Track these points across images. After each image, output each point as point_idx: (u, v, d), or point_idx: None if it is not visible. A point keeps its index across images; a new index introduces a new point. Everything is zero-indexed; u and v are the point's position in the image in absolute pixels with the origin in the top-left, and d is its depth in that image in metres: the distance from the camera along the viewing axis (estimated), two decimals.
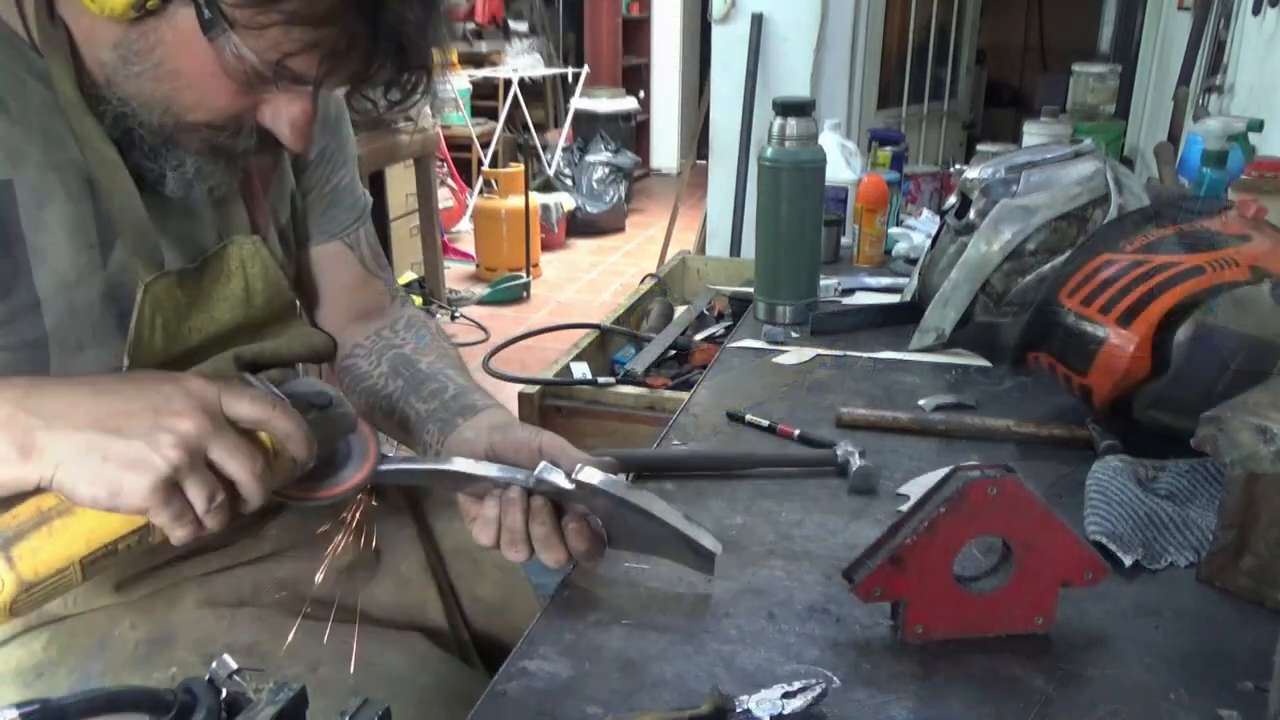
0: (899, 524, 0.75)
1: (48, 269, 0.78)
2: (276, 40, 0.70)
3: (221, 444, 0.65)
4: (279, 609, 0.91)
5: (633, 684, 0.70)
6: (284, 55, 0.71)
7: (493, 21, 6.47)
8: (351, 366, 1.05)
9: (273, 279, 0.94)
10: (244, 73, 0.72)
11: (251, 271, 0.92)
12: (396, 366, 1.02)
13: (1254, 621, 0.77)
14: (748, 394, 1.23)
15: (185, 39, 0.71)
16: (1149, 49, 4.15)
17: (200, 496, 0.65)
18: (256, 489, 0.67)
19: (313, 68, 0.72)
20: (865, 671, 0.72)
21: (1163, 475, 0.95)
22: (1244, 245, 0.99)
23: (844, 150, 2.06)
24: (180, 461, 0.63)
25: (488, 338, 4.29)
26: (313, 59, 0.72)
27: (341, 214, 1.06)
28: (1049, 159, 1.33)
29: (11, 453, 0.63)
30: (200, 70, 0.72)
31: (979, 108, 6.34)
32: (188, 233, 0.88)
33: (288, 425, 0.68)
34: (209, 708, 0.53)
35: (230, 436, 0.66)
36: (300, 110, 0.77)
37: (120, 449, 0.63)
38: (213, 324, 0.90)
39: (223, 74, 0.72)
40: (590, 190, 6.07)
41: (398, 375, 1.01)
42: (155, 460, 0.63)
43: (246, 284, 0.92)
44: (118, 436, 0.63)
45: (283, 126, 0.77)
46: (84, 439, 0.64)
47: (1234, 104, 2.59)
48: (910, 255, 1.77)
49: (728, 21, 3.73)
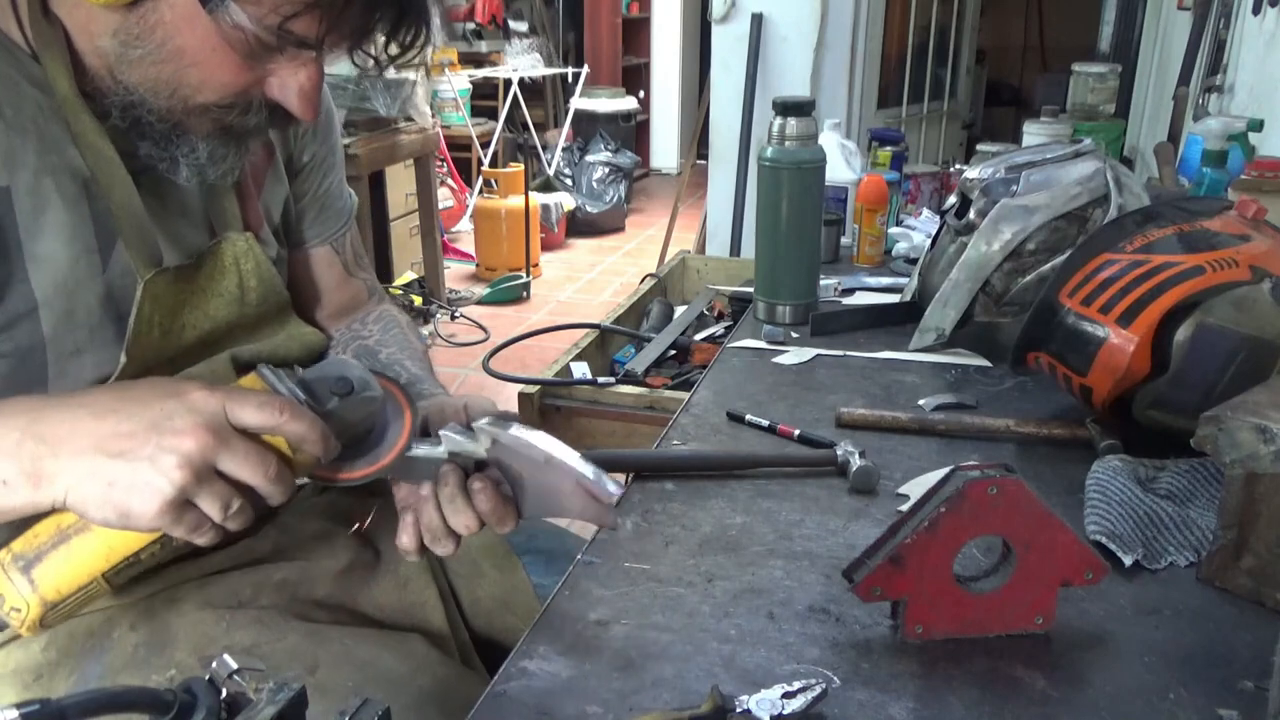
0: (899, 524, 0.75)
1: (46, 274, 0.78)
2: (276, 3, 0.70)
3: (230, 456, 0.65)
4: (278, 611, 0.91)
5: (633, 684, 0.70)
6: (284, 19, 0.71)
7: (493, 21, 6.47)
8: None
9: (267, 276, 0.94)
10: (247, 43, 0.72)
11: (245, 268, 0.93)
12: (359, 357, 1.03)
13: (1254, 621, 0.77)
14: (748, 394, 1.23)
15: (185, 16, 0.71)
16: (1149, 49, 4.15)
17: (214, 508, 0.65)
18: (275, 489, 0.67)
19: (314, 28, 0.72)
20: (865, 671, 0.72)
21: (1163, 475, 0.95)
22: (1244, 245, 0.99)
23: (844, 150, 2.06)
24: (186, 481, 0.63)
25: (488, 338, 4.29)
26: (313, 19, 0.72)
27: (332, 218, 1.08)
28: (1049, 159, 1.33)
29: (23, 480, 0.64)
30: (203, 46, 0.72)
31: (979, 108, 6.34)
32: (181, 230, 0.88)
33: (299, 428, 0.67)
34: (209, 708, 0.53)
35: (238, 446, 0.65)
36: (307, 77, 0.77)
37: (124, 473, 0.63)
38: (207, 320, 0.90)
39: (226, 47, 0.72)
40: (590, 190, 6.07)
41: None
42: (160, 483, 0.63)
43: (241, 281, 0.92)
44: (121, 460, 0.63)
45: (291, 97, 0.77)
46: (88, 465, 0.64)
47: (1234, 104, 2.59)
48: (910, 255, 1.77)
49: (728, 21, 3.73)
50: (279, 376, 0.70)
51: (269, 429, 0.66)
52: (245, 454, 0.65)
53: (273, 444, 0.67)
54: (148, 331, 0.84)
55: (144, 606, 0.90)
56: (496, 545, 1.03)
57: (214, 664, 0.55)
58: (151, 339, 0.85)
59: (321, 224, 1.07)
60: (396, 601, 0.97)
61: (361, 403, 0.72)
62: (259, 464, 0.65)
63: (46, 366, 0.80)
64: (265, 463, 0.65)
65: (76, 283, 0.79)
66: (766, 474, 1.02)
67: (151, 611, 0.89)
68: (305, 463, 0.69)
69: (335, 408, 0.70)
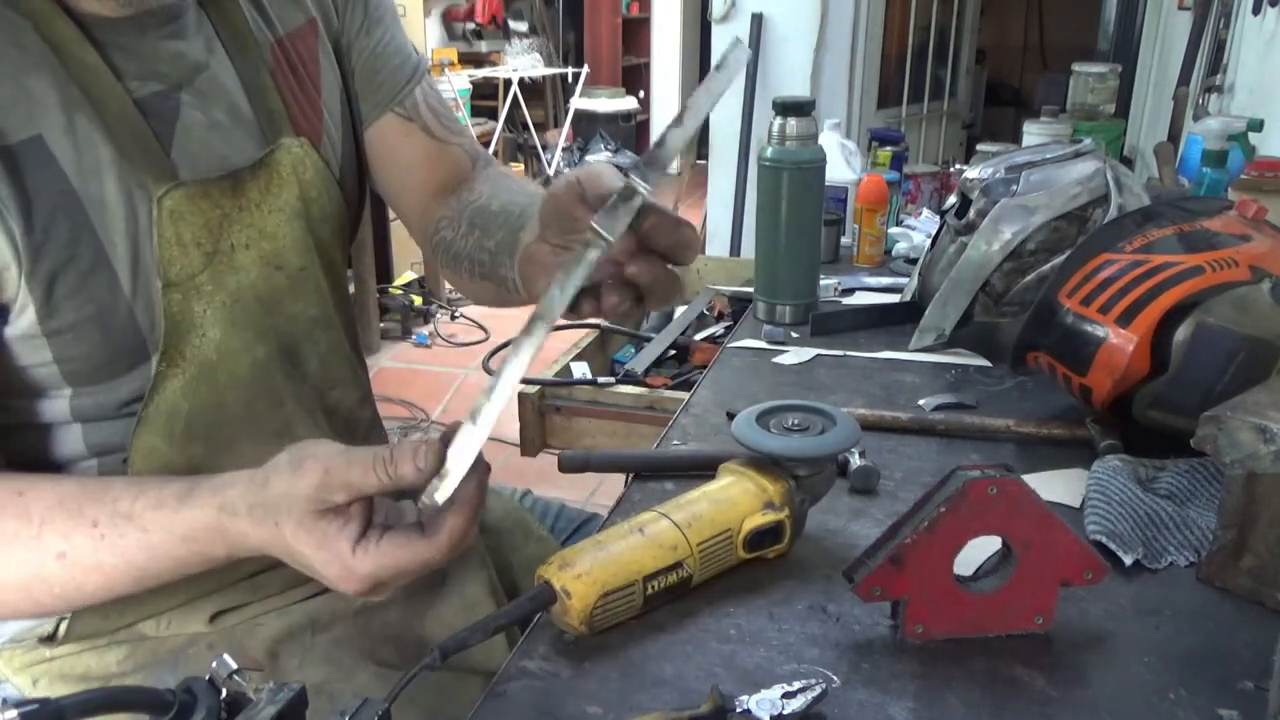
0: (899, 524, 0.75)
1: (111, 221, 0.75)
2: None
3: (385, 590, 0.66)
4: (350, 643, 0.91)
5: (633, 684, 0.70)
6: None
7: (493, 21, 6.47)
8: (440, 241, 0.99)
9: (331, 186, 0.89)
10: None
11: (304, 178, 0.87)
12: (473, 220, 0.96)
13: (1254, 621, 0.77)
14: (748, 394, 1.23)
15: None
16: (1149, 49, 4.15)
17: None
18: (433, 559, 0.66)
19: None
20: (865, 671, 0.72)
21: (1163, 475, 0.95)
22: (1244, 245, 0.99)
23: (844, 150, 2.06)
24: (366, 592, 0.66)
25: (488, 338, 4.29)
26: None
27: (387, 78, 0.97)
28: (1049, 159, 1.33)
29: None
30: None
31: (979, 107, 6.34)
32: (235, 140, 0.84)
33: (404, 474, 0.64)
34: (209, 708, 0.53)
35: (388, 587, 0.66)
36: None
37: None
38: (264, 239, 0.85)
39: None
40: None
41: (474, 228, 0.95)
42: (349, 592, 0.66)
43: (301, 192, 0.87)
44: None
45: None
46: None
47: (1234, 104, 2.59)
48: (910, 255, 1.77)
49: (728, 21, 3.74)
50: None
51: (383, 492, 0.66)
52: (400, 577, 0.66)
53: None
54: (181, 255, 0.80)
55: (228, 631, 0.89)
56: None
57: (214, 664, 0.55)
58: (189, 262, 0.80)
59: (375, 91, 0.97)
60: (463, 624, 0.95)
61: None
62: (411, 564, 0.65)
63: (139, 329, 0.78)
64: (414, 553, 0.65)
65: (135, 225, 0.77)
66: None
67: (232, 635, 0.89)
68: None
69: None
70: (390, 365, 4.13)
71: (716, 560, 0.79)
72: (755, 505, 0.80)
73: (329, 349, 0.94)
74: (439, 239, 1.00)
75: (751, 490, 0.81)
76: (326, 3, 0.95)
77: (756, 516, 0.80)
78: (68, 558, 0.70)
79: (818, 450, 0.82)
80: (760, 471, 0.82)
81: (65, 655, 0.87)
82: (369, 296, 4.13)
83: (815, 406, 0.86)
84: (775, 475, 0.82)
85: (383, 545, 0.64)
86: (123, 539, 0.70)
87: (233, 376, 0.85)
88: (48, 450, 0.83)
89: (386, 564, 0.64)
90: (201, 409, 0.84)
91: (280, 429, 0.89)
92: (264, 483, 0.67)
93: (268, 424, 0.88)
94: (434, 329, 4.40)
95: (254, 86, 0.86)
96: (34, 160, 0.72)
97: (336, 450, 0.66)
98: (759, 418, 0.85)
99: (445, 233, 0.99)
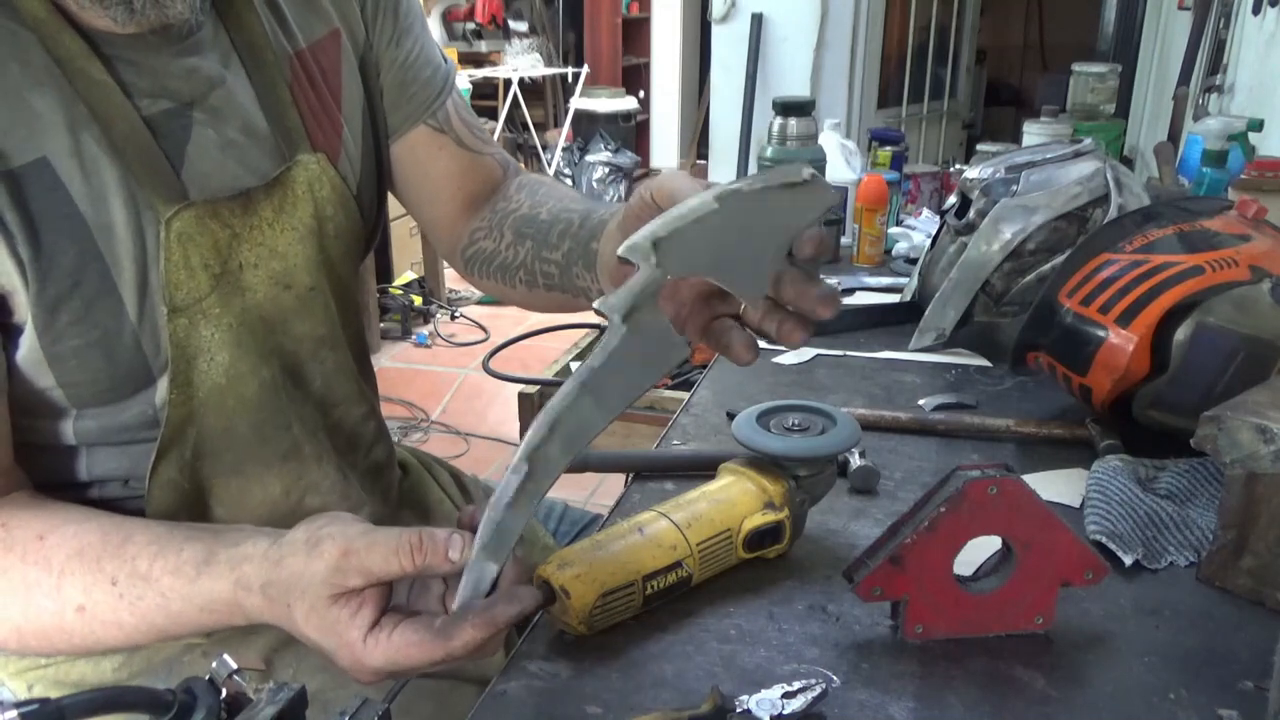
0: (899, 524, 0.75)
1: (119, 246, 0.74)
2: None
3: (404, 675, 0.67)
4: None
5: (633, 684, 0.70)
6: None
7: (493, 21, 6.47)
8: (476, 253, 0.97)
9: (348, 205, 0.86)
10: None
11: (320, 195, 0.84)
12: (520, 230, 0.93)
13: (1254, 621, 0.77)
14: (748, 394, 1.23)
15: None
16: (1149, 49, 4.15)
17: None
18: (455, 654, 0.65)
19: None
20: (865, 671, 0.72)
21: (1163, 475, 0.95)
22: (1244, 245, 0.99)
23: (844, 150, 2.06)
24: (379, 682, 0.66)
25: (488, 338, 4.29)
26: None
27: (418, 91, 0.94)
28: (1049, 159, 1.33)
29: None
30: None
31: (979, 107, 6.34)
32: (249, 157, 0.82)
33: (431, 562, 0.63)
34: (209, 707, 0.53)
35: (409, 673, 0.66)
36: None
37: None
38: (274, 258, 0.82)
39: None
40: (590, 190, 6.08)
41: (524, 238, 0.92)
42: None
43: (316, 210, 0.84)
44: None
45: None
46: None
47: (1234, 104, 2.59)
48: (910, 255, 1.77)
49: (728, 21, 3.74)
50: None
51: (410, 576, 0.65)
52: (415, 670, 0.65)
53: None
54: (188, 279, 0.77)
55: (223, 640, 0.88)
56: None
57: (214, 664, 0.55)
58: (196, 286, 0.78)
59: (407, 103, 0.94)
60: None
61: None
62: (427, 657, 0.64)
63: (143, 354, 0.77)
64: (431, 651, 0.63)
65: (145, 249, 0.75)
66: None
67: (227, 644, 0.87)
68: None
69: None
70: (390, 365, 4.13)
71: (716, 560, 0.79)
72: (755, 505, 0.80)
73: (334, 368, 0.92)
74: (475, 250, 0.97)
75: (751, 490, 0.81)
76: (353, 13, 0.91)
77: (756, 517, 0.80)
78: (87, 612, 0.70)
79: (818, 450, 0.82)
80: (760, 472, 0.82)
81: (60, 662, 0.86)
82: (369, 297, 4.14)
83: (815, 406, 0.86)
84: (775, 475, 0.82)
85: (394, 638, 0.63)
86: (141, 600, 0.70)
87: (241, 400, 0.83)
88: (67, 473, 0.82)
89: (397, 659, 0.63)
90: (210, 434, 0.83)
91: (288, 451, 0.88)
92: (278, 561, 0.66)
93: (276, 446, 0.87)
94: (434, 329, 4.40)
95: (271, 101, 0.83)
96: (39, 184, 0.71)
97: (358, 531, 0.64)
98: (759, 418, 0.85)
99: (484, 244, 0.96)
